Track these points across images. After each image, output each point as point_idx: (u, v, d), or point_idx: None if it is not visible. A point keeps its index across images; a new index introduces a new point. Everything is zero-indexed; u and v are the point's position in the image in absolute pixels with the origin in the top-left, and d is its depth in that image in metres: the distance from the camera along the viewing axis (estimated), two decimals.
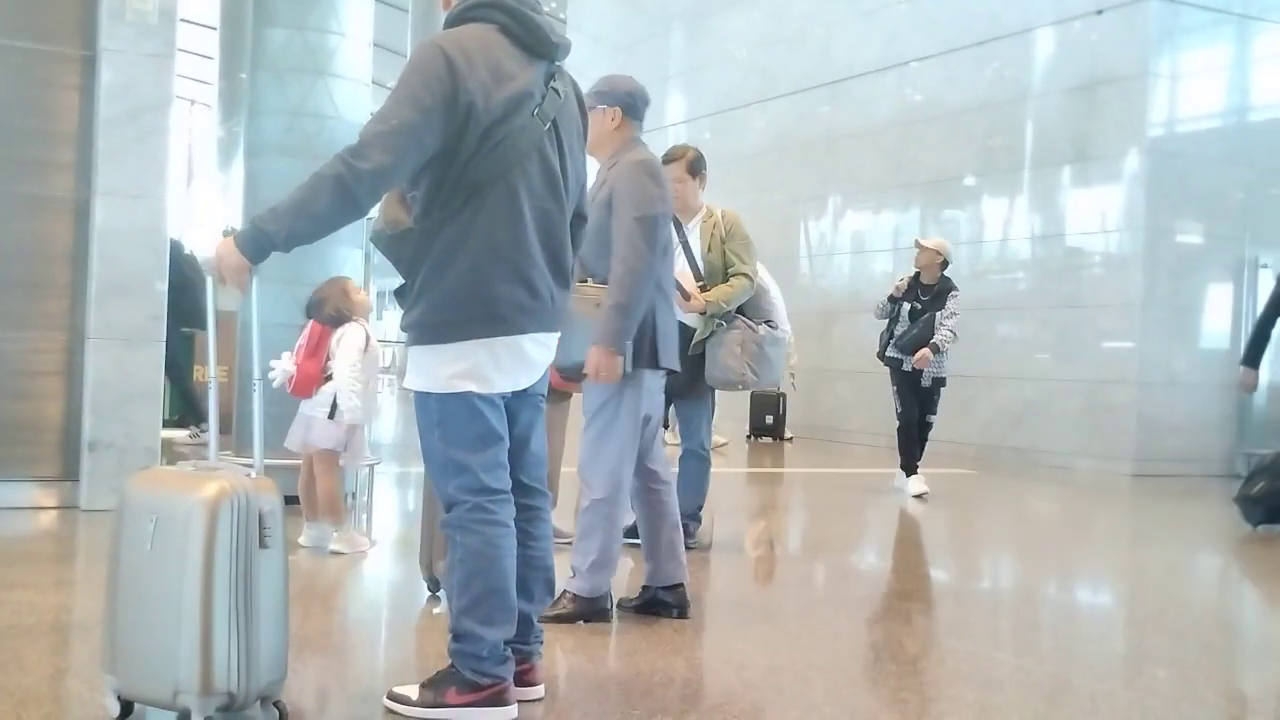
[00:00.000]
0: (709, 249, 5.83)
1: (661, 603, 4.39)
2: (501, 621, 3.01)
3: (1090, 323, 11.75)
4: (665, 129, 17.31)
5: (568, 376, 4.15)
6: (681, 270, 5.71)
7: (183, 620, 2.70)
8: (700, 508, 6.04)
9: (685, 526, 5.89)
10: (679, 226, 5.82)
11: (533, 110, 3.01)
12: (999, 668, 4.01)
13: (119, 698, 2.84)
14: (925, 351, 8.41)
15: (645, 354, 4.13)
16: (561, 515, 5.93)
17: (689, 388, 5.76)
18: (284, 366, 5.42)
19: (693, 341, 5.72)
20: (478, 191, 2.94)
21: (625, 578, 4.97)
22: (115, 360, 6.42)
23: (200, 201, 20.03)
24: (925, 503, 8.39)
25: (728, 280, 5.77)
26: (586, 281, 4.07)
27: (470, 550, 2.98)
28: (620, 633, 4.19)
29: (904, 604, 5.04)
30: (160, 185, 6.54)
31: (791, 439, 14.05)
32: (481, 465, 3.01)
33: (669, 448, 6.23)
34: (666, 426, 7.06)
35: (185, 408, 10.02)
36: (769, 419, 14.07)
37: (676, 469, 5.94)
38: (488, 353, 3.00)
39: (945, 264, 8.72)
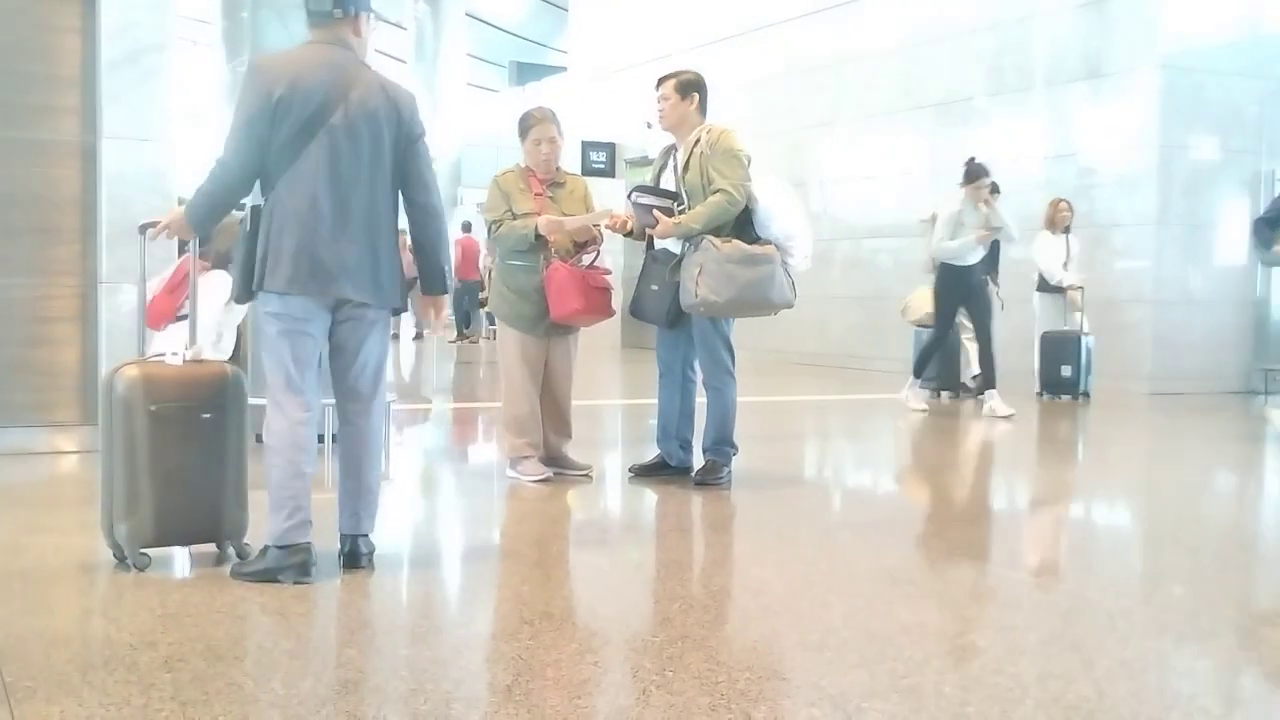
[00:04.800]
0: (686, 168, 5.49)
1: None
2: None
3: (1105, 242, 11.65)
4: (670, 56, 17.09)
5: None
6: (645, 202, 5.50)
7: None
8: (722, 440, 5.65)
9: (714, 463, 5.77)
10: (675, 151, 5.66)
11: None
12: (1016, 587, 4.04)
13: None
14: None
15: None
16: (573, 447, 5.97)
17: (678, 318, 5.58)
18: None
19: (669, 268, 5.51)
20: None
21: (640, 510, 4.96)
22: (129, 304, 6.43)
23: (209, 145, 19.90)
24: None
25: None
26: None
27: None
28: (638, 562, 4.23)
29: (922, 526, 5.06)
30: (166, 127, 6.51)
31: (1087, 394, 10.22)
32: None
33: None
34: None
35: None
36: (1065, 370, 10.35)
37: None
38: None
39: None
